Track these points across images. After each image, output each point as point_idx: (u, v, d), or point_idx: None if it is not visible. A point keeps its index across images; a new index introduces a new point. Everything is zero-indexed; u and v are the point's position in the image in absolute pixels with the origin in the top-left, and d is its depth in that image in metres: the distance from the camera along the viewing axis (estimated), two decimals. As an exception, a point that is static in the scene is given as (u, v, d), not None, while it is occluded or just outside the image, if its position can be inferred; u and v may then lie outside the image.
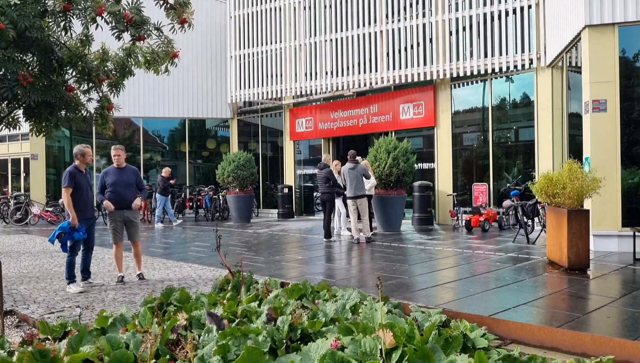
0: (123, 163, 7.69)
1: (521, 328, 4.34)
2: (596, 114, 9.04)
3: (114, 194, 7.46)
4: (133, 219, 7.65)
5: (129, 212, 7.59)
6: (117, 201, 7.48)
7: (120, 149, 7.66)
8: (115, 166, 7.61)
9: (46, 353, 2.98)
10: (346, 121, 17.37)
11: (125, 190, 7.51)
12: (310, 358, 3.13)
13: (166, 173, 16.70)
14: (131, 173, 7.72)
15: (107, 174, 7.58)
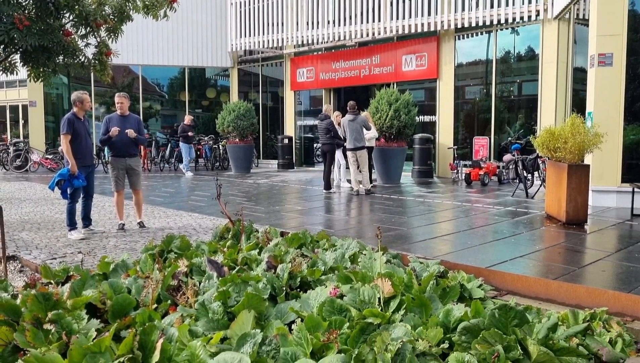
0: (126, 111, 7.63)
1: (517, 280, 4.41)
2: (602, 68, 8.90)
3: (116, 142, 7.44)
4: (135, 168, 7.65)
5: (131, 160, 7.59)
6: (119, 149, 7.46)
7: (124, 97, 7.60)
8: (119, 114, 7.56)
9: (49, 297, 3.02)
10: (348, 72, 17.14)
11: (128, 138, 7.48)
12: (309, 306, 3.18)
13: (189, 120, 16.57)
14: (134, 121, 7.67)
15: (110, 121, 7.53)
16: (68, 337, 2.70)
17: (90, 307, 3.22)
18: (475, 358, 2.54)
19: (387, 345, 2.47)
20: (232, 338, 2.66)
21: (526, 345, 2.56)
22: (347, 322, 2.86)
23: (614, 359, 2.67)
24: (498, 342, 2.58)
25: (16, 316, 2.91)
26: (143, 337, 2.48)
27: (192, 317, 3.04)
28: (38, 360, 2.39)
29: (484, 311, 2.97)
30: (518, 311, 2.82)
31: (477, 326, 2.73)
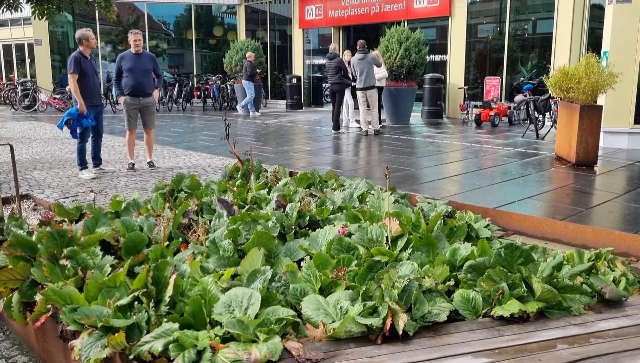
0: (141, 49, 7.52)
1: (524, 220, 4.44)
2: (620, 5, 8.61)
3: (130, 80, 7.36)
4: (149, 107, 7.59)
5: (146, 99, 7.52)
6: (133, 87, 7.38)
7: (139, 34, 7.48)
8: (133, 52, 7.45)
9: (64, 234, 3.09)
10: (357, 9, 16.70)
11: (142, 76, 7.39)
12: (318, 244, 3.23)
13: (251, 57, 16.18)
14: (148, 58, 7.57)
15: (124, 59, 7.43)
16: (84, 272, 2.78)
17: (104, 244, 3.29)
18: (480, 295, 2.59)
19: (394, 282, 2.52)
20: (242, 275, 2.72)
21: (531, 282, 2.61)
22: (355, 259, 2.91)
23: (617, 297, 2.72)
24: (503, 279, 2.63)
25: (33, 252, 2.99)
26: (156, 273, 2.55)
27: (203, 254, 3.10)
28: (56, 293, 2.47)
29: (490, 250, 3.01)
30: (524, 251, 2.85)
31: (483, 264, 2.77)
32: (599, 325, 2.49)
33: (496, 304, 2.54)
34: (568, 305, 2.60)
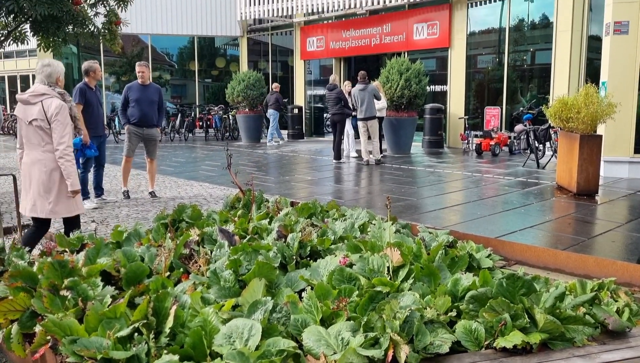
0: (147, 80, 7.63)
1: (526, 250, 4.42)
2: (617, 37, 8.74)
3: (136, 110, 7.46)
4: (153, 138, 7.67)
5: (149, 130, 7.61)
6: (138, 118, 7.49)
7: (145, 66, 7.59)
8: (140, 83, 7.56)
9: (65, 264, 3.08)
10: (358, 41, 16.95)
11: (148, 108, 7.50)
12: (319, 274, 3.22)
13: (277, 88, 16.59)
14: (154, 90, 7.68)
15: (130, 89, 7.54)
16: (84, 303, 2.77)
17: (105, 275, 3.28)
18: (483, 325, 2.57)
19: (396, 312, 2.51)
20: (243, 306, 2.71)
21: (533, 313, 2.59)
22: (356, 290, 2.90)
23: (620, 328, 2.70)
24: (505, 310, 2.61)
25: (33, 283, 2.98)
26: (157, 304, 2.54)
27: (204, 285, 3.09)
28: (56, 325, 2.46)
29: (492, 280, 2.99)
30: (526, 281, 2.84)
31: (485, 295, 2.76)
32: (602, 357, 2.46)
33: (499, 335, 2.52)
34: (571, 336, 2.57)
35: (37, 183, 4.21)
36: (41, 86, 4.20)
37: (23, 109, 4.19)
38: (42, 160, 4.19)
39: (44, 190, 4.20)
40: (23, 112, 4.19)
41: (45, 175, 4.18)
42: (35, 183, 4.21)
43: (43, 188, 4.20)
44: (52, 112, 4.10)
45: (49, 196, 4.22)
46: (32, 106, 4.15)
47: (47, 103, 4.12)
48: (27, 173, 4.26)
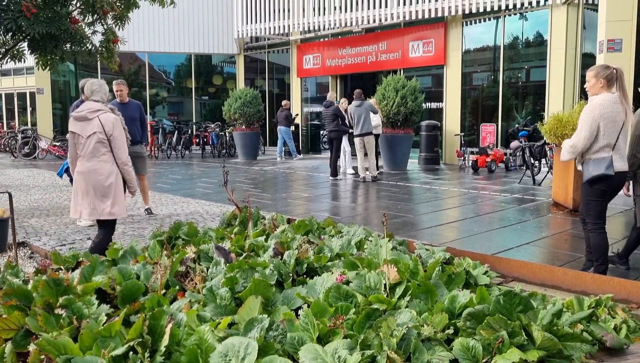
0: (126, 98, 7.63)
1: (523, 266, 4.42)
2: (610, 54, 8.83)
3: None
4: (139, 154, 7.66)
5: (133, 146, 7.59)
6: None
7: (122, 84, 7.59)
8: (119, 101, 7.57)
9: (60, 282, 3.06)
10: (354, 58, 17.07)
11: (130, 125, 7.47)
12: (315, 292, 3.21)
13: (287, 105, 16.90)
14: (135, 107, 7.67)
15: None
16: (79, 322, 2.75)
17: (100, 292, 3.26)
18: (480, 343, 2.56)
19: (393, 330, 2.50)
20: (239, 324, 2.69)
21: (530, 330, 2.58)
22: (353, 307, 2.89)
23: (618, 345, 2.69)
24: (503, 327, 2.60)
25: (28, 301, 2.96)
26: (152, 322, 2.52)
27: (200, 303, 3.07)
28: (50, 344, 2.44)
29: (489, 297, 2.99)
30: (523, 298, 2.83)
31: (482, 312, 2.75)
32: (601, 374, 2.45)
33: (496, 353, 2.51)
34: (569, 354, 2.56)
35: (95, 189, 4.66)
36: (95, 103, 4.71)
37: (80, 125, 4.65)
38: (99, 169, 4.66)
39: (101, 195, 4.67)
40: (80, 128, 4.64)
41: (103, 182, 4.65)
42: (93, 189, 4.66)
43: (101, 193, 4.67)
44: (110, 125, 4.64)
45: (107, 199, 4.68)
46: (89, 121, 4.63)
47: (104, 118, 4.64)
48: (83, 181, 4.67)
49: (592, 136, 4.30)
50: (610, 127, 4.28)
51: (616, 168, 4.31)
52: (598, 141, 4.31)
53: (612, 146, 4.32)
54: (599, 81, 4.38)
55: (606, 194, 4.45)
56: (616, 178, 4.35)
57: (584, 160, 4.46)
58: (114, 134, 4.68)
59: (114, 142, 4.68)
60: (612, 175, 4.30)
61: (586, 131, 4.30)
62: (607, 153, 4.32)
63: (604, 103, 4.29)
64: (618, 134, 4.32)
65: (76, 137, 4.69)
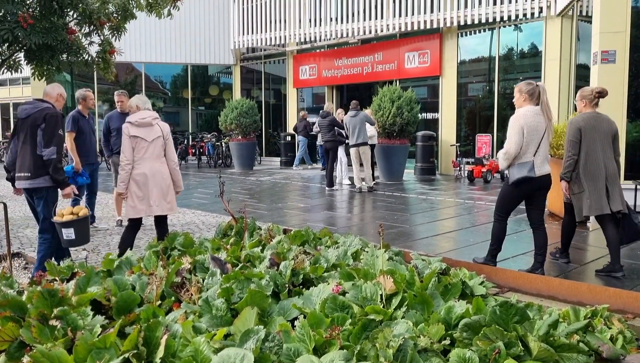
0: (126, 108, 7.66)
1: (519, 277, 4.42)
2: (604, 66, 8.88)
3: (118, 140, 7.47)
4: None
5: None
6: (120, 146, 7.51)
7: (123, 95, 7.63)
8: (119, 112, 7.59)
9: (55, 293, 3.05)
10: (350, 69, 17.14)
11: None
12: (312, 302, 3.20)
13: (305, 115, 17.06)
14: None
15: (111, 119, 7.57)
16: (73, 333, 2.73)
17: (95, 304, 3.24)
18: (477, 354, 2.56)
19: (389, 341, 2.49)
20: (235, 335, 2.68)
21: (527, 341, 2.58)
22: (349, 318, 2.88)
23: (615, 356, 2.69)
24: (499, 338, 2.60)
25: (22, 312, 2.94)
26: (148, 333, 2.51)
27: (196, 314, 3.06)
28: (44, 355, 2.42)
29: (486, 308, 2.99)
30: (519, 308, 2.83)
31: (479, 322, 2.75)
32: (597, 385, 2.45)
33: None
34: (565, 364, 2.56)
35: (159, 188, 5.19)
36: (150, 111, 5.27)
37: (144, 130, 5.11)
38: (161, 170, 5.21)
39: (164, 193, 5.22)
40: (145, 132, 5.10)
41: (164, 182, 5.21)
42: (157, 188, 5.17)
43: (162, 192, 5.21)
44: (166, 132, 5.26)
45: (168, 197, 5.26)
46: (152, 127, 5.17)
47: (161, 124, 5.27)
48: (145, 181, 5.11)
49: (521, 142, 4.81)
50: (532, 135, 4.80)
51: (537, 172, 4.82)
52: (522, 147, 4.82)
53: (534, 152, 4.84)
54: (522, 95, 4.95)
55: (521, 195, 5.00)
56: (537, 181, 4.87)
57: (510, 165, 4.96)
58: (169, 138, 5.28)
59: (168, 145, 5.25)
60: (533, 177, 4.81)
61: (515, 137, 4.83)
62: (530, 158, 4.83)
63: (526, 114, 4.84)
64: (540, 142, 4.85)
65: (138, 141, 5.07)
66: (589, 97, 5.24)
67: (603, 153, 5.13)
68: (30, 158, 4.77)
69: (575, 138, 5.14)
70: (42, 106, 4.95)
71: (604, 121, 5.19)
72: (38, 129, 4.76)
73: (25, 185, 4.87)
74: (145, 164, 5.11)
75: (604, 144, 5.13)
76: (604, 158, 5.12)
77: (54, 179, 4.81)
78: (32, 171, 4.79)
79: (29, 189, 4.92)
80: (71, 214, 4.79)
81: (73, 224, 4.76)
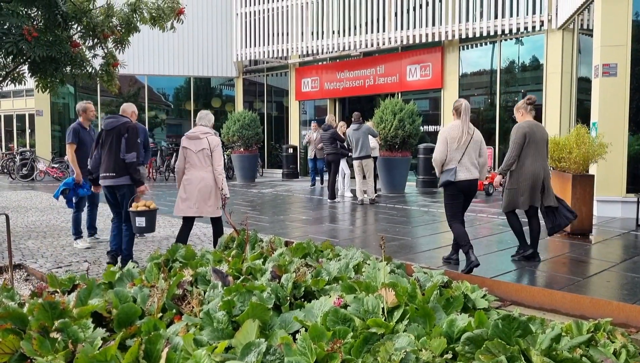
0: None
1: (521, 290, 4.41)
2: (606, 79, 8.92)
3: None
4: None
5: None
6: None
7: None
8: None
9: (56, 305, 3.05)
10: (352, 82, 17.21)
11: None
12: (313, 315, 3.19)
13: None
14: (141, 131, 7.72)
15: None
16: (74, 346, 2.73)
17: (96, 316, 3.24)
18: (479, 368, 2.55)
19: (391, 355, 2.48)
20: (236, 348, 2.68)
21: (529, 355, 2.57)
22: (350, 331, 2.87)
23: (618, 370, 2.68)
24: (501, 352, 2.59)
25: (23, 324, 2.94)
26: (148, 346, 2.50)
27: (197, 326, 3.06)
28: (44, 368, 2.41)
29: (488, 321, 2.98)
30: (521, 322, 2.82)
31: (481, 336, 2.74)
32: (601, 400, 2.43)
33: (495, 378, 2.49)
34: (568, 379, 2.55)
35: (201, 193, 5.87)
36: (204, 127, 6.02)
37: (193, 142, 5.91)
38: (205, 178, 5.88)
39: (206, 197, 5.88)
40: (193, 144, 5.90)
41: (207, 188, 5.86)
42: (199, 193, 5.87)
43: (205, 196, 5.88)
44: (214, 144, 5.92)
45: (209, 201, 5.90)
46: (200, 140, 5.90)
47: (211, 138, 5.94)
48: (190, 186, 5.87)
49: (445, 150, 5.50)
50: (454, 146, 5.49)
51: (459, 177, 5.47)
52: (447, 157, 5.51)
53: (457, 160, 5.49)
54: (452, 111, 5.78)
55: (455, 196, 5.62)
56: (459, 185, 5.52)
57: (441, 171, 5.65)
58: (215, 150, 5.90)
59: (214, 156, 5.89)
60: (454, 181, 5.47)
61: (439, 146, 5.58)
62: (453, 166, 5.48)
63: (451, 127, 5.61)
64: (463, 152, 5.50)
65: (187, 151, 5.90)
66: (523, 107, 6.05)
67: (541, 156, 5.88)
68: (115, 162, 5.76)
69: (520, 140, 5.85)
70: (123, 120, 5.90)
71: (540, 129, 5.98)
72: (122, 138, 5.73)
73: (110, 183, 5.86)
74: (191, 171, 5.90)
75: (541, 149, 5.90)
76: (541, 160, 5.88)
77: (133, 178, 5.78)
78: (117, 172, 5.78)
79: (112, 186, 5.90)
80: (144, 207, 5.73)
81: (145, 214, 5.69)
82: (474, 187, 5.67)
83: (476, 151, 5.64)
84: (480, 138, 5.73)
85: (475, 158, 5.62)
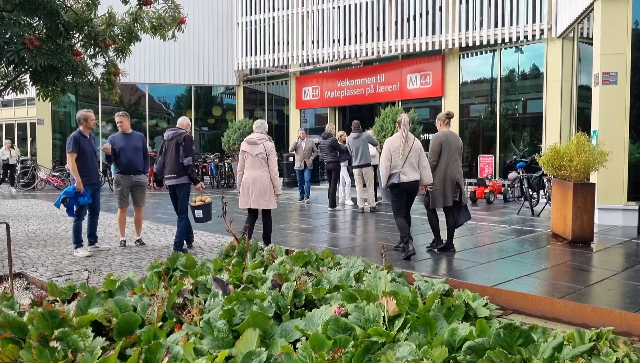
0: (128, 129, 7.71)
1: (523, 298, 4.39)
2: (606, 87, 8.93)
3: (122, 159, 7.50)
4: (140, 184, 7.70)
5: (137, 176, 7.64)
6: (125, 166, 7.53)
7: (124, 116, 7.66)
8: (122, 132, 7.63)
9: (56, 314, 3.04)
10: (353, 90, 17.25)
11: (133, 155, 7.55)
12: (314, 324, 3.18)
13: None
14: (138, 138, 7.75)
15: (114, 140, 7.61)
16: (74, 355, 2.71)
17: (96, 325, 3.23)
18: (481, 377, 2.53)
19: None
20: (237, 357, 2.66)
21: (531, 364, 2.55)
22: (351, 340, 2.86)
23: (621, 379, 2.66)
24: (503, 361, 2.57)
25: (23, 333, 2.93)
26: (148, 355, 2.49)
27: (198, 335, 3.04)
28: (44, 377, 2.40)
29: (489, 330, 2.96)
30: (523, 331, 2.81)
31: (482, 345, 2.72)
32: (603, 410, 2.41)
33: (497, 387, 2.47)
34: (571, 388, 2.53)
35: (259, 189, 6.84)
36: (260, 134, 6.99)
37: (251, 147, 6.91)
38: (261, 177, 6.87)
39: (262, 193, 6.84)
40: (251, 148, 6.90)
41: (263, 186, 6.84)
42: (257, 190, 6.84)
43: (261, 192, 6.84)
44: (269, 149, 6.92)
45: (265, 196, 6.86)
46: (257, 145, 6.90)
47: (266, 144, 6.93)
48: (250, 184, 6.86)
49: (389, 158, 6.50)
50: (395, 154, 6.49)
51: (401, 179, 6.48)
52: (391, 163, 6.49)
53: (399, 166, 6.49)
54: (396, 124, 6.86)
55: (399, 195, 6.65)
56: (402, 186, 6.53)
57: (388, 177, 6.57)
58: (271, 154, 6.91)
59: (270, 159, 6.90)
60: (397, 183, 6.49)
61: (384, 153, 6.57)
62: (397, 171, 6.50)
63: (393, 138, 6.62)
64: (404, 160, 6.50)
65: (246, 154, 6.92)
66: (442, 119, 7.04)
67: (456, 161, 6.80)
68: (175, 165, 7.05)
69: (437, 148, 6.79)
70: (180, 131, 7.19)
71: (455, 138, 6.91)
72: (180, 146, 7.01)
73: (173, 183, 7.17)
74: (250, 171, 6.89)
75: (456, 155, 6.81)
76: (456, 165, 6.80)
77: (190, 178, 7.15)
78: (177, 173, 7.08)
79: (174, 185, 7.18)
80: (201, 201, 7.31)
81: (202, 207, 7.30)
82: (414, 187, 6.67)
83: (416, 158, 6.59)
84: (419, 147, 6.69)
85: (415, 164, 6.58)
